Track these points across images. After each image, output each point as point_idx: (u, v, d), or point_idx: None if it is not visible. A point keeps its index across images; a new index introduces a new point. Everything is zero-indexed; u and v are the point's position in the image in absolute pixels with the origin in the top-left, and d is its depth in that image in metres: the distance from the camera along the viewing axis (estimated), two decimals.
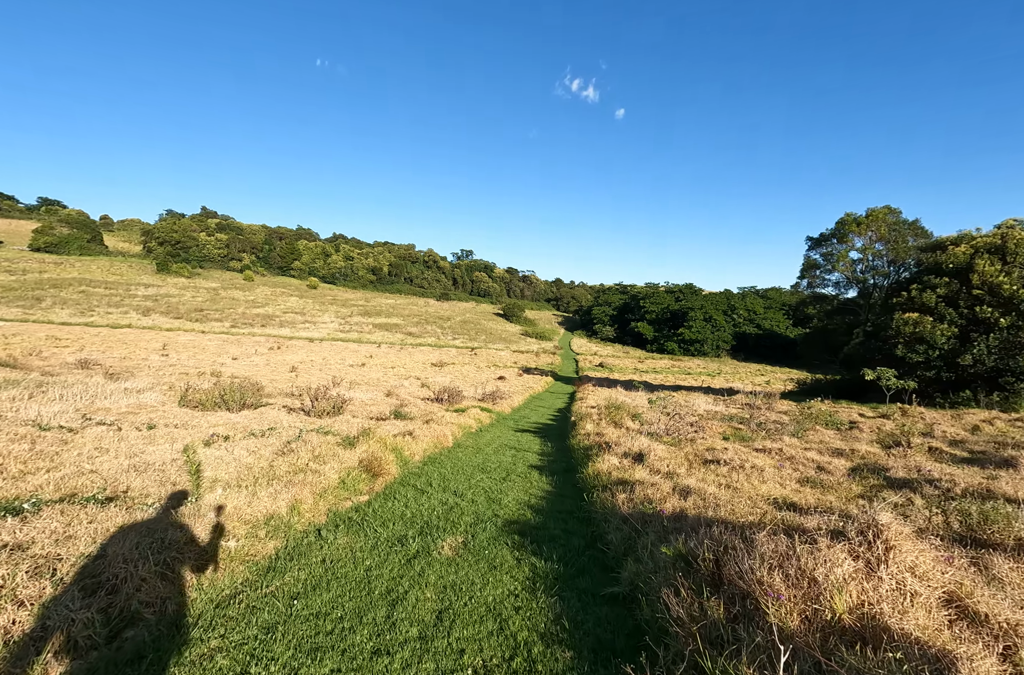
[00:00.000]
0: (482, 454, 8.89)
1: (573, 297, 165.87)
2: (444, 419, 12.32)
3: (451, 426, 11.36)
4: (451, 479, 6.34)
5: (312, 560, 3.37)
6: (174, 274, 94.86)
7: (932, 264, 19.70)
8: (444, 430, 10.18)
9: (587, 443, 8.69)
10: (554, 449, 9.51)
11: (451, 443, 9.92)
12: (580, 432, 10.31)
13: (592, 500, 4.75)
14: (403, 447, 7.77)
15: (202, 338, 54.01)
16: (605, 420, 11.25)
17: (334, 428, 9.95)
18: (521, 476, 6.70)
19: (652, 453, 6.11)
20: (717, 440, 8.97)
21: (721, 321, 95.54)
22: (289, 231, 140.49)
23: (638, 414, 12.11)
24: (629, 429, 10.32)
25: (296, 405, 13.45)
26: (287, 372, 31.78)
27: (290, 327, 71.74)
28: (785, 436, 9.89)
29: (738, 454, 7.26)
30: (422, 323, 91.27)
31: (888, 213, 23.87)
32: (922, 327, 18.70)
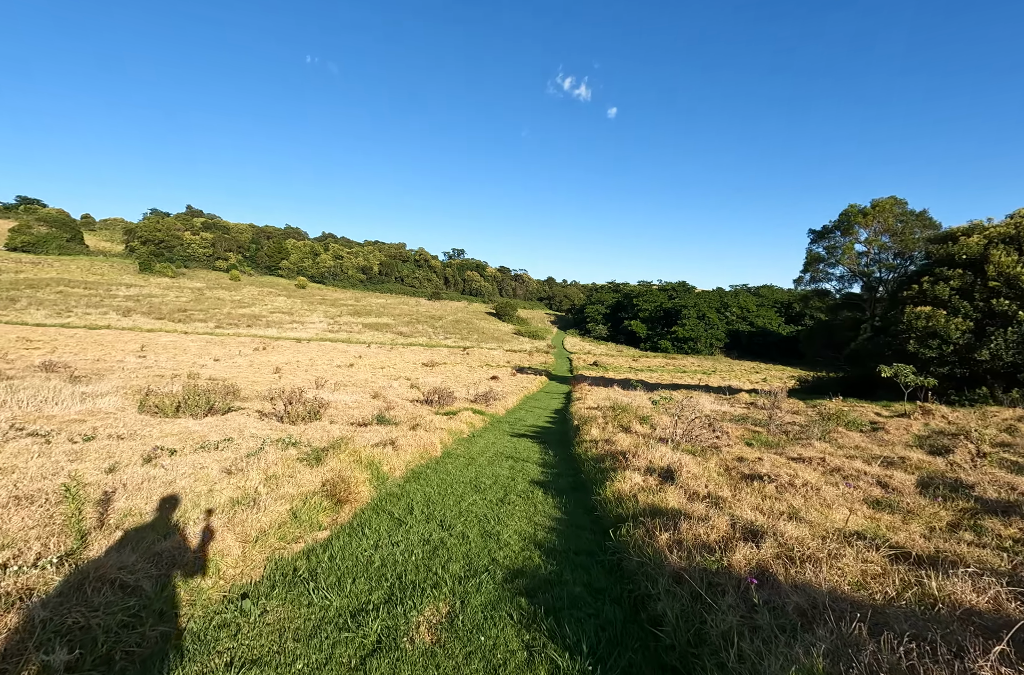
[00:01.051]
0: (475, 466, 7.72)
1: (566, 296, 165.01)
2: (433, 424, 11.14)
3: (440, 432, 10.19)
4: (437, 502, 5.16)
5: (210, 665, 2.18)
6: (157, 274, 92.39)
7: (944, 255, 18.85)
8: (432, 437, 9.00)
9: (596, 452, 7.55)
10: (557, 458, 8.37)
11: (440, 452, 8.75)
12: (585, 438, 9.18)
13: (621, 539, 3.60)
14: (382, 461, 6.58)
15: (184, 339, 52.18)
16: (611, 424, 10.14)
17: (305, 437, 8.74)
18: (522, 496, 5.55)
19: (683, 469, 4.99)
20: (742, 447, 7.89)
21: (714, 319, 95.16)
22: (277, 230, 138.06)
23: (646, 417, 11.01)
24: (640, 434, 9.22)
25: (271, 410, 12.18)
26: (270, 374, 30.39)
27: (277, 327, 69.91)
28: (814, 441, 8.84)
29: (777, 466, 6.16)
30: (413, 323, 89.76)
31: (894, 204, 23.01)
32: (935, 321, 17.82)
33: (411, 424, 11.63)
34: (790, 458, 6.85)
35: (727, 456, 6.87)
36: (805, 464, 6.39)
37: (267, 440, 7.89)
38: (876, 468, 6.29)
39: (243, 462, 5.71)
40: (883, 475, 5.67)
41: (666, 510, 3.98)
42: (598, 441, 8.45)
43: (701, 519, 3.41)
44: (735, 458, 6.85)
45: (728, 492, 4.49)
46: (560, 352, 78.94)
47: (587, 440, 8.89)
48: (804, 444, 8.67)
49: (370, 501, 4.98)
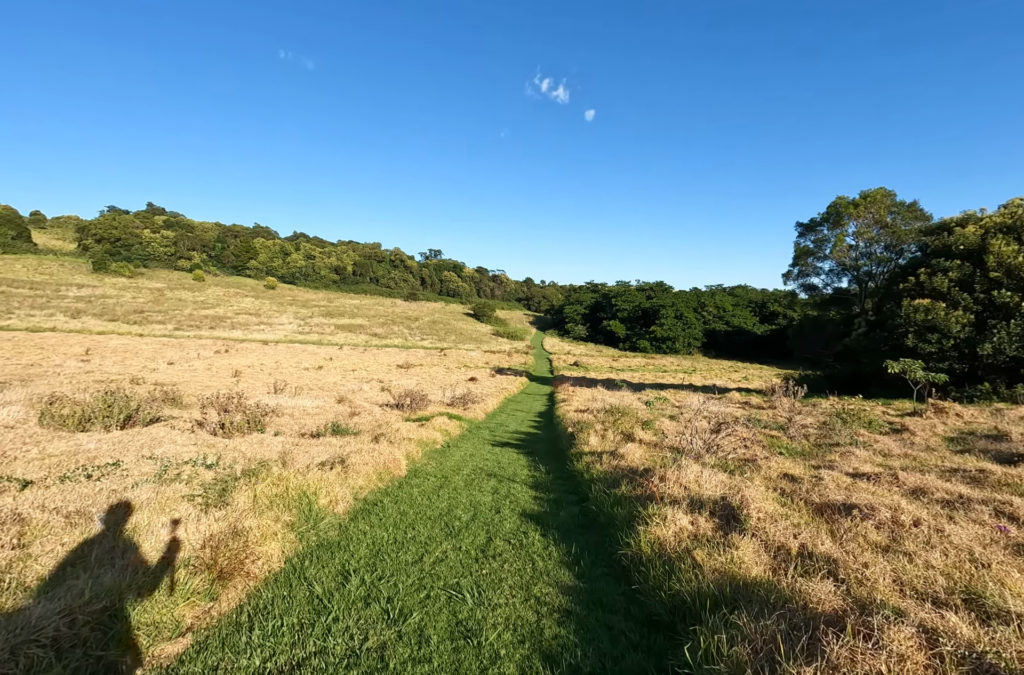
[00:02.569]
0: (448, 489, 6.05)
1: (544, 296, 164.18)
2: (399, 433, 9.39)
3: (407, 444, 8.46)
4: (388, 561, 3.48)
5: None
6: (113, 274, 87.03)
7: (940, 246, 18.14)
8: (396, 452, 7.27)
9: (602, 469, 5.97)
10: (551, 477, 6.76)
11: (405, 471, 7.04)
12: (583, 449, 7.60)
13: (712, 668, 1.98)
14: (320, 490, 4.84)
15: (138, 342, 48.59)
16: (611, 431, 8.59)
17: (232, 455, 6.89)
18: (512, 543, 3.92)
19: (747, 502, 3.45)
20: (780, 459, 6.45)
21: (692, 318, 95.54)
22: (245, 229, 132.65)
23: (649, 421, 9.52)
24: (648, 444, 7.69)
25: (214, 419, 10.18)
26: (229, 378, 27.95)
27: (243, 329, 66.35)
28: (853, 449, 7.49)
29: (844, 487, 4.70)
30: (388, 324, 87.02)
31: (885, 195, 22.42)
32: (935, 314, 17.02)
33: (374, 434, 9.85)
34: (848, 474, 5.41)
35: (771, 473, 5.38)
36: (874, 483, 4.94)
37: (173, 463, 6.04)
38: (966, 487, 4.89)
39: (104, 500, 3.91)
40: (993, 500, 4.25)
41: (753, 585, 2.41)
42: (601, 453, 6.88)
43: (863, 632, 1.83)
44: (781, 475, 5.37)
45: (828, 542, 2.96)
46: (540, 353, 77.64)
47: (587, 452, 7.31)
48: (842, 452, 7.30)
49: (282, 567, 3.26)
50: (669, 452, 6.79)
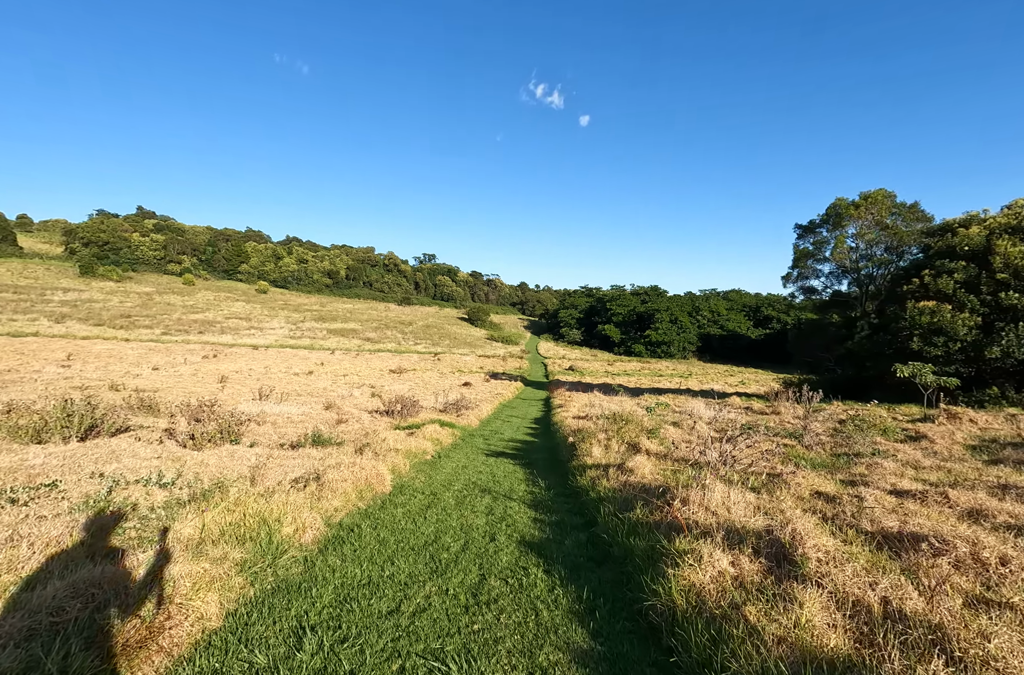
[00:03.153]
0: (437, 509, 5.37)
1: (539, 301, 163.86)
2: (386, 443, 8.69)
3: (393, 455, 7.76)
4: (357, 611, 2.81)
5: None
6: (100, 278, 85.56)
7: (944, 248, 17.79)
8: (379, 466, 6.58)
9: (609, 486, 5.32)
10: (552, 493, 6.10)
11: (390, 486, 6.35)
12: (586, 461, 6.94)
13: None
14: (284, 516, 4.14)
15: (123, 347, 47.38)
16: (615, 440, 7.95)
17: (195, 471, 6.16)
18: (512, 586, 3.25)
19: (804, 540, 2.81)
20: (805, 473, 5.83)
21: (686, 323, 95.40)
22: (237, 233, 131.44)
23: (654, 429, 8.89)
24: (656, 455, 7.05)
25: (184, 429, 9.43)
26: (215, 383, 27.05)
27: (232, 334, 65.17)
28: (884, 461, 6.88)
29: (893, 510, 4.08)
30: (382, 328, 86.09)
31: (885, 196, 22.10)
32: (940, 317, 16.59)
33: (358, 444, 9.14)
34: (888, 491, 4.80)
35: (801, 491, 4.75)
36: (922, 503, 4.33)
37: (123, 482, 5.30)
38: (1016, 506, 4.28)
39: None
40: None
41: (838, 667, 1.76)
42: (607, 467, 6.22)
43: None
44: (813, 493, 4.75)
45: (915, 595, 2.32)
46: (534, 357, 77.00)
47: (590, 465, 6.65)
48: (868, 464, 6.69)
49: (221, 625, 2.57)
50: (681, 465, 6.16)
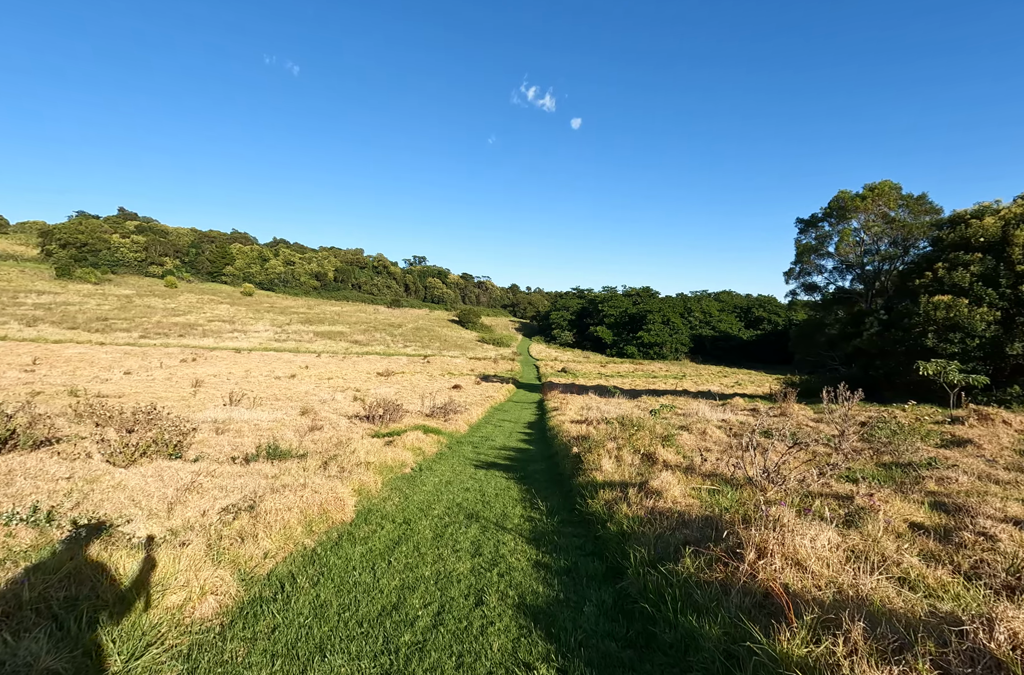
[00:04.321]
0: (407, 548, 4.09)
1: (530, 303, 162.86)
2: (356, 456, 7.38)
3: (362, 472, 6.46)
4: None
5: None
6: (78, 280, 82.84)
7: (957, 240, 16.95)
8: (339, 488, 5.28)
9: (631, 514, 4.09)
10: (556, 519, 4.86)
11: (352, 513, 5.06)
12: (595, 477, 5.71)
13: None
14: (170, 578, 2.86)
15: (97, 351, 45.33)
16: (626, 449, 6.72)
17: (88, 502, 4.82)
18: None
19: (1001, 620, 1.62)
20: (882, 495, 4.64)
21: (679, 324, 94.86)
22: (222, 235, 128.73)
23: (669, 437, 7.68)
24: (679, 468, 5.84)
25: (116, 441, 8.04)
26: (188, 388, 25.45)
27: (215, 337, 63.12)
28: (950, 473, 5.74)
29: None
30: (370, 330, 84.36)
31: (892, 187, 21.29)
32: (957, 311, 15.68)
33: (326, 456, 7.82)
34: (1003, 520, 3.62)
35: (894, 526, 3.55)
36: None
37: None
38: None
39: None
40: None
41: None
42: (624, 485, 4.99)
43: None
44: (910, 526, 3.55)
45: None
46: (526, 359, 75.79)
47: (600, 482, 5.41)
48: (936, 478, 5.55)
49: None
50: (713, 482, 4.94)
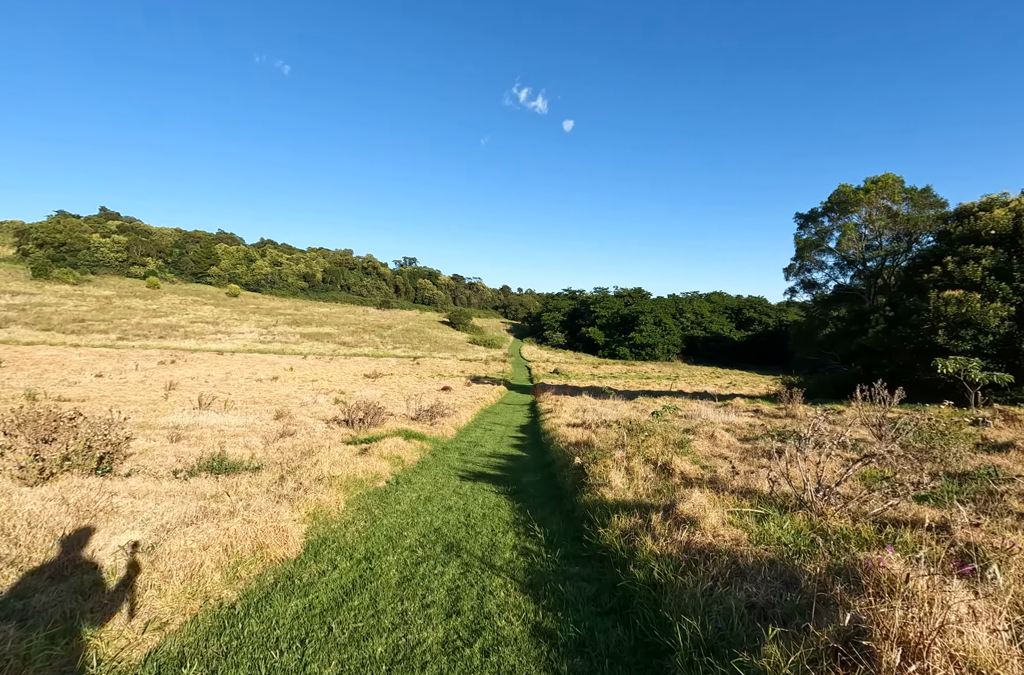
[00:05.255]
0: (359, 603, 3.03)
1: (521, 304, 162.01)
2: (318, 469, 6.27)
3: (322, 489, 5.37)
4: None
5: None
6: (56, 280, 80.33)
7: (967, 232, 16.30)
8: (285, 514, 4.20)
9: (660, 551, 3.06)
10: (559, 554, 3.83)
11: (299, 546, 3.99)
12: (604, 495, 4.68)
13: None
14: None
15: (71, 353, 43.49)
16: (637, 458, 5.71)
17: None
18: None
19: None
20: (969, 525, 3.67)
21: (671, 325, 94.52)
22: (207, 235, 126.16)
23: (683, 443, 6.69)
24: (705, 484, 4.84)
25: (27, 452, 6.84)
26: (161, 391, 24.05)
27: (196, 338, 61.28)
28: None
29: None
30: (359, 332, 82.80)
31: (895, 180, 20.66)
32: (968, 307, 14.98)
33: (287, 468, 6.71)
34: None
35: None
36: None
37: None
38: None
39: None
40: None
41: None
42: (644, 509, 3.96)
43: None
44: None
45: None
46: (518, 361, 74.79)
47: (611, 502, 4.39)
48: (1021, 495, 4.60)
49: None
50: (751, 501, 3.94)
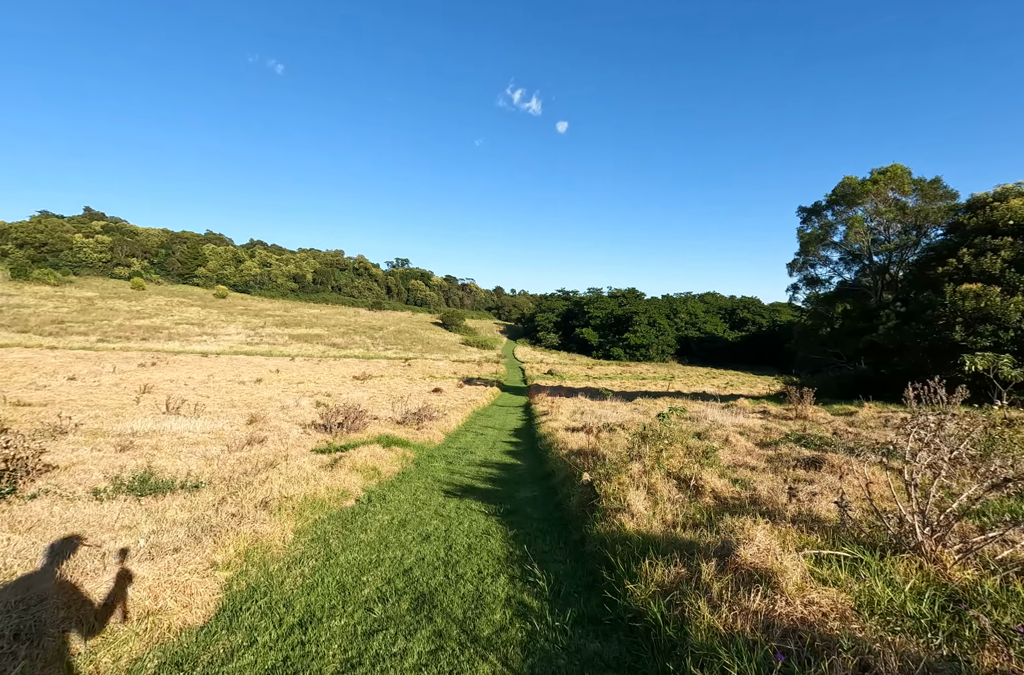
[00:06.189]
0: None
1: (515, 305, 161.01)
2: (267, 489, 5.15)
3: (263, 519, 4.26)
4: None
5: None
6: (36, 281, 78.07)
7: (982, 224, 15.53)
8: (196, 560, 3.15)
9: (724, 630, 2.03)
10: (570, 615, 2.78)
11: (212, 606, 2.93)
12: (624, 525, 3.61)
13: None
14: None
15: (45, 355, 41.73)
16: (657, 473, 4.66)
17: None
18: None
19: None
20: None
21: (665, 325, 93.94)
22: (195, 236, 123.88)
23: (709, 452, 5.65)
24: (746, 506, 3.80)
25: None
26: (135, 394, 22.67)
27: (181, 340, 59.52)
28: None
29: None
30: (349, 333, 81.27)
31: (904, 171, 19.90)
32: (988, 301, 14.16)
33: (232, 487, 5.60)
34: None
35: None
36: None
37: None
38: None
39: None
40: None
41: None
42: (685, 549, 2.90)
43: None
44: None
45: None
46: (511, 362, 73.70)
47: (633, 534, 3.32)
48: None
49: None
50: (819, 537, 2.89)
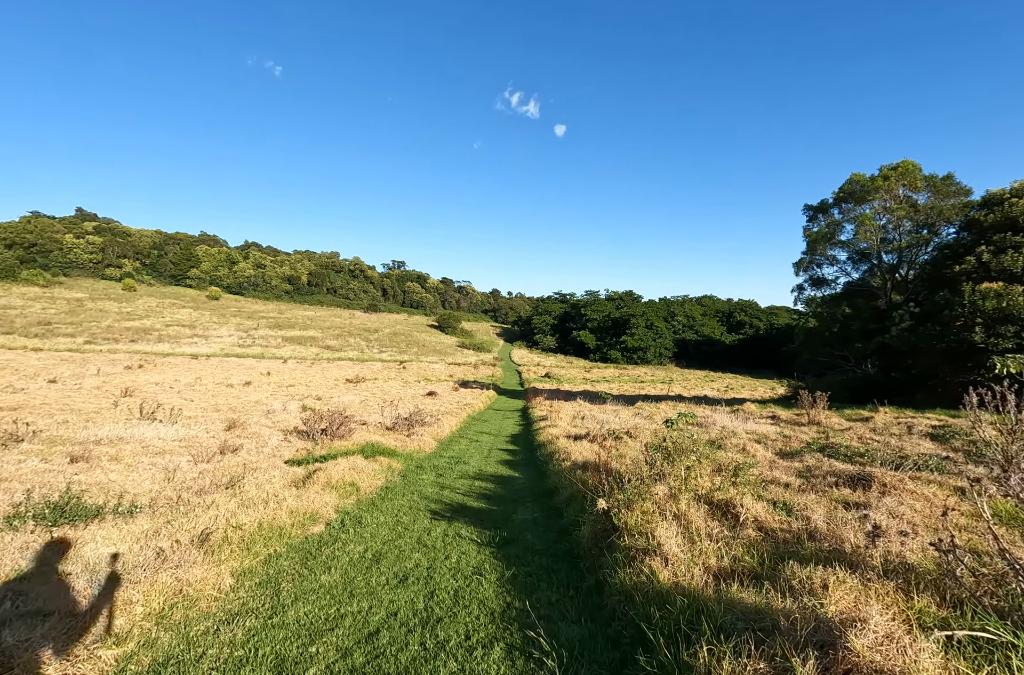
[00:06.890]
0: None
1: (511, 308, 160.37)
2: (210, 516, 4.30)
3: (198, 559, 3.43)
4: None
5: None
6: (24, 282, 76.78)
7: (1000, 220, 14.90)
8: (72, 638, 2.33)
9: None
10: None
11: None
12: (654, 570, 2.74)
13: None
14: None
15: (28, 357, 40.57)
16: (686, 497, 3.82)
17: None
18: None
19: None
20: None
21: (663, 328, 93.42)
22: (188, 237, 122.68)
23: (741, 468, 4.81)
24: (802, 542, 2.96)
25: None
26: (116, 398, 21.66)
27: (171, 342, 58.40)
28: None
29: None
30: (344, 336, 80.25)
31: (915, 167, 19.30)
32: (1010, 300, 13.47)
33: (176, 512, 4.76)
34: None
35: None
36: None
37: None
38: None
39: None
40: None
41: None
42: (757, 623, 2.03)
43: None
44: None
45: None
46: (508, 365, 72.86)
47: (667, 586, 2.44)
48: None
49: None
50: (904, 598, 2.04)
